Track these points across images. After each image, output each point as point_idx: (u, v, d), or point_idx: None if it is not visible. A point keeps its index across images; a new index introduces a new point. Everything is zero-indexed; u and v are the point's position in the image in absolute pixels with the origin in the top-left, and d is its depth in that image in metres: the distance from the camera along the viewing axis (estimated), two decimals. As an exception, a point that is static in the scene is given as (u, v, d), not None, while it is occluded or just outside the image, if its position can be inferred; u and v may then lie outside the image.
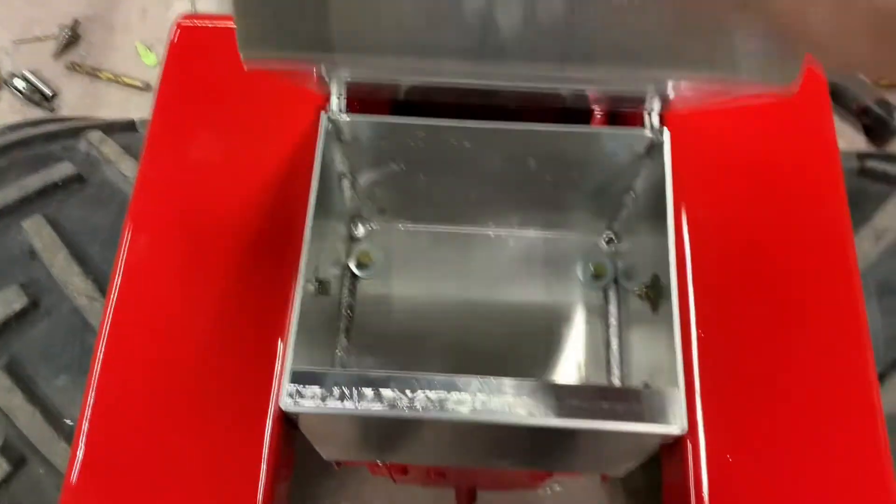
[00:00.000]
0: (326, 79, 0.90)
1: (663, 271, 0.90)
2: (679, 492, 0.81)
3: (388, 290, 1.16)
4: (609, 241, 1.18)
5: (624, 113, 1.07)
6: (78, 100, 2.18)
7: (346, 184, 1.07)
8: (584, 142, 0.96)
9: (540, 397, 0.79)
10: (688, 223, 0.91)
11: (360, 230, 1.18)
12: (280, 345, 0.86)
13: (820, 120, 0.92)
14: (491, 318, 1.13)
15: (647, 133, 0.93)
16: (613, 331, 1.11)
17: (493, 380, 0.80)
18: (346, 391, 0.79)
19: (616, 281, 1.15)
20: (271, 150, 0.96)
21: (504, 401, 0.79)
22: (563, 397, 0.78)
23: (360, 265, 1.16)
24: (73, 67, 2.24)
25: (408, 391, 0.79)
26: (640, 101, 0.92)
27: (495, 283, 1.16)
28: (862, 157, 1.32)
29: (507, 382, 0.79)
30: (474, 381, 0.79)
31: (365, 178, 1.08)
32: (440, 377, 0.79)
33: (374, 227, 1.19)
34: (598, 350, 1.11)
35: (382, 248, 1.17)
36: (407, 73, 0.90)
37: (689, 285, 0.88)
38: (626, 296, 1.11)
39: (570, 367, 1.10)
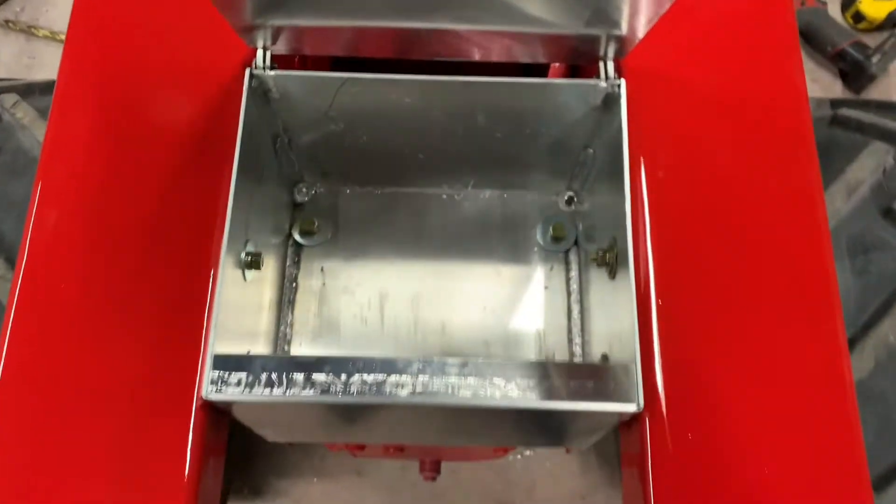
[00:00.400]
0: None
1: (621, 234, 0.83)
2: (637, 463, 0.76)
3: (336, 257, 1.09)
4: (569, 201, 1.11)
5: (584, 70, 1.00)
6: (13, 60, 2.05)
7: (282, 145, 0.99)
8: (534, 95, 0.88)
9: (486, 377, 0.73)
10: (647, 180, 0.84)
11: (303, 195, 1.10)
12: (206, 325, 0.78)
13: (788, 65, 0.85)
14: (446, 284, 1.07)
15: (602, 83, 0.86)
16: (574, 297, 1.05)
17: (435, 359, 0.73)
18: (275, 377, 0.72)
19: (577, 243, 1.09)
20: (195, 109, 0.87)
21: (447, 382, 0.72)
22: (512, 376, 0.72)
23: (304, 233, 1.08)
24: (7, 25, 2.10)
25: (343, 374, 0.72)
26: (593, 48, 0.84)
27: (450, 247, 1.09)
28: (836, 104, 1.25)
29: (451, 362, 0.73)
30: (415, 362, 0.73)
31: (303, 139, 1.00)
32: (379, 358, 0.73)
33: (319, 192, 1.11)
34: (559, 317, 1.05)
35: (328, 214, 1.10)
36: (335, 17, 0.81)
37: (648, 248, 0.82)
38: (587, 260, 1.05)
39: (529, 338, 1.04)
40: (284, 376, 0.72)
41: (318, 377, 0.72)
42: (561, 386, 0.72)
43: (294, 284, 1.05)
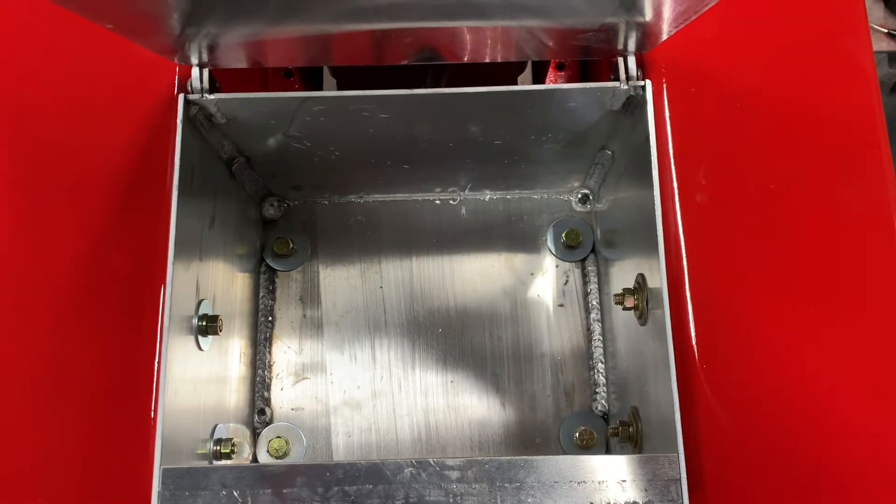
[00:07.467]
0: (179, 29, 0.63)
1: (651, 273, 0.68)
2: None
3: (317, 283, 0.94)
4: (584, 200, 0.95)
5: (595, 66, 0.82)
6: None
7: (240, 167, 0.83)
8: (536, 103, 0.71)
9: (496, 482, 0.59)
10: (682, 204, 0.68)
11: (274, 210, 0.94)
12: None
13: (857, 50, 0.67)
14: (444, 308, 0.92)
15: (622, 85, 0.69)
16: (595, 315, 0.90)
17: (432, 461, 0.60)
18: (237, 495, 0.59)
19: (595, 250, 0.93)
20: (121, 148, 0.70)
21: (447, 490, 0.59)
22: (529, 484, 0.59)
23: (277, 256, 0.93)
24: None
25: (320, 488, 0.59)
26: (609, 41, 0.66)
27: (446, 263, 0.94)
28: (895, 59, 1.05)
29: (451, 463, 0.60)
30: (407, 467, 0.60)
31: (265, 158, 0.83)
32: (363, 463, 0.60)
33: (292, 205, 0.95)
34: (578, 340, 0.91)
35: (304, 231, 0.94)
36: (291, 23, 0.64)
37: (686, 292, 0.66)
38: (607, 268, 0.90)
39: (542, 365, 0.90)
40: (249, 495, 0.59)
41: (290, 493, 0.59)
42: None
43: (270, 319, 0.91)
